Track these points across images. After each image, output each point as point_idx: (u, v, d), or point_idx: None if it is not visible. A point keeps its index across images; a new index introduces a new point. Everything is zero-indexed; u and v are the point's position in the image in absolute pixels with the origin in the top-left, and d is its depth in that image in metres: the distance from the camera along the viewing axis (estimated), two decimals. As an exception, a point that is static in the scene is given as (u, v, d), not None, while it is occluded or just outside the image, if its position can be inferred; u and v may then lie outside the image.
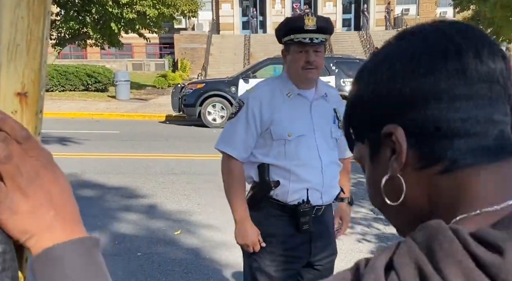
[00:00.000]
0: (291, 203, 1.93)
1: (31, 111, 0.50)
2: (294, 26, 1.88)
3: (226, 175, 1.95)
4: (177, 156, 7.80)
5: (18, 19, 0.46)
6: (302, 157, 1.90)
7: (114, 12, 16.20)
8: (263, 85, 2.00)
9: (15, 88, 0.48)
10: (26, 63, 0.48)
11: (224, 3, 30.87)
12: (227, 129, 1.97)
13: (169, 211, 4.95)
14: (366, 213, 4.88)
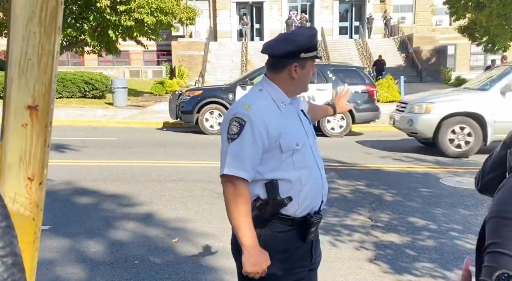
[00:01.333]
0: (300, 216, 1.90)
1: (41, 124, 0.50)
2: (317, 42, 1.96)
3: (234, 198, 1.83)
4: (174, 163, 7.79)
5: (30, 34, 0.47)
6: (308, 164, 1.92)
7: (112, 19, 16.23)
8: (255, 98, 1.92)
9: (26, 101, 0.49)
10: (37, 77, 0.48)
11: (221, 10, 31.00)
12: (232, 152, 1.84)
13: (167, 219, 4.94)
14: (364, 220, 4.88)
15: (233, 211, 1.83)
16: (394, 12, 30.76)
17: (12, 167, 0.50)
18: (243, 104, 1.89)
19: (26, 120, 0.49)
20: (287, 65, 1.90)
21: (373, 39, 27.99)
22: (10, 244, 0.48)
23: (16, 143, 0.50)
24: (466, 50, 31.21)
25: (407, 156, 8.41)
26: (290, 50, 1.89)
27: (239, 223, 1.82)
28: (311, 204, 1.92)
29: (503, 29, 18.02)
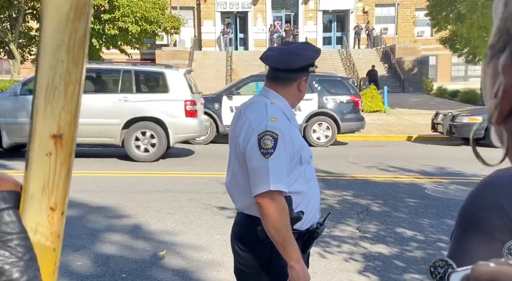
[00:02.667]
0: (304, 228, 1.90)
1: (65, 153, 0.49)
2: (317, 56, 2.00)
3: (279, 213, 1.76)
4: (160, 173, 7.73)
5: (58, 63, 0.46)
6: (314, 176, 1.97)
7: (95, 28, 16.16)
8: (274, 111, 1.87)
9: (51, 130, 0.47)
10: (63, 105, 0.47)
11: (206, 20, 31.07)
12: (273, 167, 1.78)
13: (154, 231, 4.88)
14: (352, 232, 4.89)
15: (280, 227, 1.76)
16: (377, 23, 31.22)
17: (34, 196, 0.48)
18: (269, 118, 1.83)
19: (50, 149, 0.47)
20: (298, 79, 1.92)
21: (357, 49, 28.33)
22: (33, 278, 0.47)
23: (40, 173, 0.48)
24: (447, 61, 31.78)
25: (392, 166, 8.48)
26: (305, 64, 1.91)
27: (288, 238, 1.77)
28: (315, 216, 1.95)
29: (483, 41, 18.39)
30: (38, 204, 0.49)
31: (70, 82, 0.47)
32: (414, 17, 30.62)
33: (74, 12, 0.45)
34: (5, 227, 0.46)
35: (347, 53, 26.52)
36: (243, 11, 31.03)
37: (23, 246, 0.46)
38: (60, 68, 0.46)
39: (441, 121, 11.79)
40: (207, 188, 6.62)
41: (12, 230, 0.46)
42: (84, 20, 0.46)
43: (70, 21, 0.45)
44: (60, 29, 0.45)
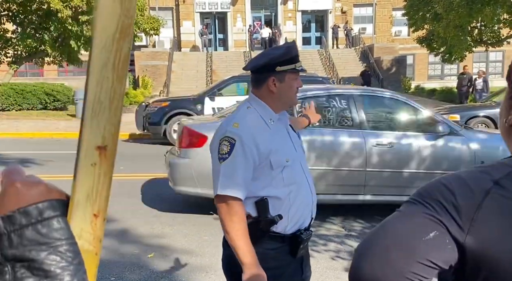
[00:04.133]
0: (289, 232, 1.90)
1: (109, 163, 0.52)
2: (295, 55, 1.94)
3: (230, 217, 1.82)
4: (144, 176, 7.70)
5: (104, 79, 0.49)
6: (297, 180, 1.92)
7: (74, 29, 15.95)
8: (243, 116, 1.93)
9: (96, 142, 0.50)
10: (108, 118, 0.50)
11: (185, 20, 30.95)
12: (225, 171, 1.84)
13: (141, 234, 4.87)
14: (338, 230, 4.97)
15: (230, 231, 1.82)
16: (355, 23, 31.54)
17: (80, 204, 0.51)
18: (232, 123, 1.89)
19: (95, 159, 0.50)
20: (266, 80, 1.92)
21: (336, 49, 28.59)
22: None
23: (85, 182, 0.51)
24: (424, 60, 32.32)
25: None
26: (265, 63, 1.92)
27: (238, 243, 1.80)
28: (301, 220, 1.93)
29: (459, 40, 18.78)
30: (83, 211, 0.52)
31: (115, 97, 0.50)
32: (391, 17, 31.04)
33: (120, 33, 0.48)
34: (55, 233, 0.49)
35: (327, 53, 26.75)
36: (222, 12, 31.01)
37: (72, 251, 0.49)
38: (106, 84, 0.49)
39: (420, 120, 11.98)
40: (192, 190, 6.62)
41: (62, 236, 0.49)
42: (128, 40, 0.49)
43: (115, 41, 0.48)
44: (107, 48, 0.48)
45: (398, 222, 0.79)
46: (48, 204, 0.49)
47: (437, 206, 0.75)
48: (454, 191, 0.75)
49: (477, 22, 19.55)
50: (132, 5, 0.49)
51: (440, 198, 0.76)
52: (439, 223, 0.74)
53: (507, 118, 0.82)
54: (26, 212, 0.48)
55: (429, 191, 0.78)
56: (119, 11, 0.48)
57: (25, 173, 0.53)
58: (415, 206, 0.78)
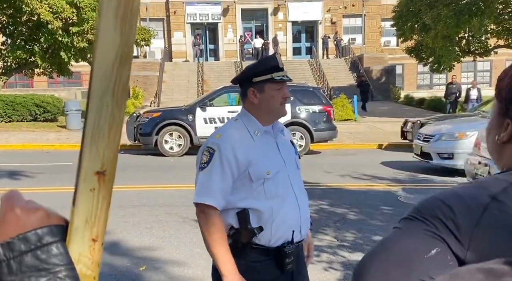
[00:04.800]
0: (274, 245, 1.89)
1: (107, 188, 0.53)
2: (272, 65, 1.93)
3: (207, 227, 1.86)
4: (136, 187, 7.65)
5: (104, 106, 0.50)
6: (280, 193, 1.91)
7: (64, 41, 15.88)
8: (228, 128, 1.98)
9: (95, 167, 0.51)
10: (107, 144, 0.51)
11: (176, 31, 31.03)
12: (201, 180, 1.88)
13: (132, 247, 4.83)
14: (330, 241, 4.97)
15: (208, 240, 1.85)
16: (345, 33, 31.83)
17: (78, 229, 0.52)
18: (216, 134, 1.95)
19: (94, 185, 0.51)
20: (246, 91, 1.95)
21: (326, 59, 28.79)
22: None
23: (84, 207, 0.52)
24: (413, 70, 32.62)
25: (365, 174, 8.64)
26: (243, 76, 1.97)
27: (215, 251, 1.83)
28: (286, 234, 1.91)
29: (447, 50, 18.98)
30: (81, 236, 0.52)
31: (114, 123, 0.51)
32: (380, 27, 31.37)
33: (119, 61, 0.49)
34: (55, 259, 0.49)
35: (317, 63, 26.92)
36: (213, 23, 31.15)
37: (71, 276, 0.50)
38: (105, 111, 0.50)
39: (410, 129, 12.08)
40: (185, 201, 6.59)
41: (61, 262, 0.49)
42: (127, 68, 0.50)
43: (115, 69, 0.49)
44: (107, 76, 0.49)
45: (398, 240, 0.79)
46: (47, 230, 0.50)
47: (437, 223, 0.75)
48: (452, 207, 0.75)
49: (465, 32, 19.80)
50: (131, 34, 0.50)
51: (439, 215, 0.76)
52: (440, 240, 0.74)
53: (499, 135, 0.83)
54: (25, 238, 0.49)
55: (428, 208, 0.78)
56: (119, 41, 0.49)
57: (24, 198, 0.53)
58: (414, 223, 0.78)
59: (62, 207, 2.68)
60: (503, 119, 0.83)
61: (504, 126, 0.83)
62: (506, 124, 0.83)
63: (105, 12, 0.49)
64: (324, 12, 31.31)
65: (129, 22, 0.49)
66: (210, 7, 30.60)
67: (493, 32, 19.58)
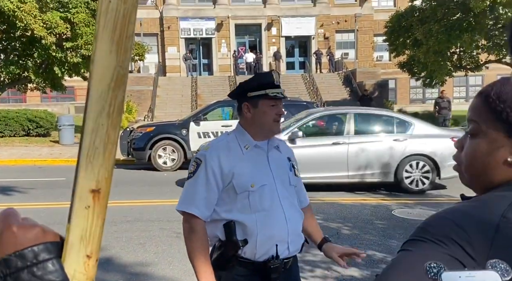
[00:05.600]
0: (260, 260, 1.89)
1: (102, 206, 0.54)
2: (267, 81, 1.96)
3: (188, 235, 1.88)
4: (128, 202, 7.62)
5: (99, 126, 0.51)
6: (266, 206, 1.91)
7: (57, 56, 15.91)
8: (218, 140, 2.03)
9: (90, 185, 0.52)
10: (102, 163, 0.52)
11: (170, 46, 31.18)
12: (186, 190, 1.93)
13: (125, 263, 4.80)
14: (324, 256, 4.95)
15: (188, 248, 1.88)
16: (338, 48, 32.13)
17: (74, 246, 0.53)
18: (206, 146, 2.01)
19: (89, 202, 0.52)
20: (241, 106, 1.99)
21: (319, 74, 28.99)
22: None
23: (79, 224, 0.53)
24: (406, 84, 32.94)
25: (358, 189, 8.66)
26: (238, 90, 2.00)
27: (193, 260, 1.85)
28: (269, 250, 1.90)
29: (439, 65, 19.21)
30: (76, 252, 0.53)
31: (109, 142, 0.52)
32: (373, 42, 31.73)
33: (115, 83, 0.51)
34: (50, 275, 0.50)
35: (310, 77, 27.09)
36: (207, 37, 31.35)
37: None
38: (101, 131, 0.51)
39: (403, 143, 12.12)
40: (178, 216, 6.49)
41: (56, 278, 0.50)
42: (122, 89, 0.52)
43: (111, 90, 0.51)
44: (103, 97, 0.51)
45: (413, 262, 0.74)
46: (43, 247, 0.51)
47: (451, 244, 0.73)
48: (465, 229, 0.74)
49: (456, 48, 20.07)
50: (126, 57, 0.51)
51: (453, 236, 0.74)
52: (456, 261, 0.72)
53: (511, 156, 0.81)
54: (22, 255, 0.50)
55: (438, 228, 0.76)
56: (115, 63, 0.51)
57: (20, 216, 0.54)
58: (426, 245, 0.74)
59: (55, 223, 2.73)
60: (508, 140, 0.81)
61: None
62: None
63: (101, 36, 0.51)
64: (317, 27, 31.63)
65: (124, 46, 0.51)
66: (204, 22, 30.83)
67: (484, 47, 19.85)
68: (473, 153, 0.86)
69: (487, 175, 0.84)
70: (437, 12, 18.25)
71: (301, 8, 31.53)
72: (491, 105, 0.82)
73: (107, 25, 0.50)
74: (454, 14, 18.08)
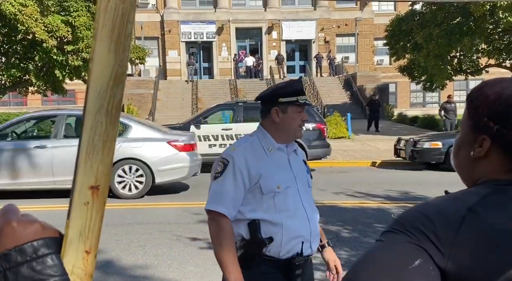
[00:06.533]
0: (284, 257, 1.93)
1: (100, 202, 0.55)
2: (298, 88, 2.04)
3: (216, 235, 1.91)
4: (128, 205, 7.62)
5: (98, 124, 0.52)
6: (290, 208, 1.97)
7: (59, 59, 15.94)
8: (243, 141, 2.07)
9: (89, 182, 0.53)
10: (101, 160, 0.53)
11: (171, 50, 31.25)
12: (214, 189, 1.97)
13: (125, 265, 4.80)
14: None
15: (216, 247, 1.90)
16: (338, 52, 32.19)
17: (72, 242, 0.53)
18: (231, 147, 2.05)
19: (88, 198, 0.53)
20: (270, 110, 2.04)
21: (320, 77, 29.04)
22: None
23: (78, 220, 0.54)
24: (406, 88, 32.96)
25: (358, 192, 8.66)
26: (269, 94, 2.05)
27: (222, 258, 1.87)
28: (294, 247, 1.95)
29: (439, 69, 19.23)
30: (75, 248, 0.54)
31: (108, 139, 0.53)
32: (373, 46, 31.78)
33: (113, 81, 0.52)
34: (49, 270, 0.51)
35: (311, 81, 27.14)
36: (207, 41, 31.42)
37: None
38: (100, 129, 0.52)
39: (403, 147, 12.16)
40: (177, 219, 6.58)
41: (55, 273, 0.51)
42: (121, 87, 0.53)
43: (109, 88, 0.52)
44: (101, 95, 0.52)
45: (382, 252, 0.81)
46: (43, 242, 0.52)
47: (419, 234, 0.78)
48: (433, 219, 0.79)
49: (457, 52, 20.09)
50: (125, 55, 0.52)
51: (420, 227, 0.79)
52: (422, 250, 0.77)
53: (475, 151, 0.87)
54: (21, 250, 0.51)
55: (409, 220, 0.81)
56: (114, 62, 0.52)
57: (20, 212, 0.55)
58: (397, 235, 0.80)
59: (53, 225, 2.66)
60: (477, 136, 0.87)
61: (479, 142, 0.87)
62: (481, 140, 0.86)
63: (100, 35, 0.52)
64: (318, 31, 31.70)
65: (123, 45, 0.52)
66: (205, 26, 30.91)
67: (484, 52, 19.88)
68: (454, 147, 0.94)
69: (464, 170, 0.91)
70: (437, 16, 18.28)
71: (301, 12, 31.61)
72: (466, 104, 0.91)
73: (106, 24, 0.51)
74: (454, 18, 18.11)
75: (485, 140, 0.86)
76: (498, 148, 0.85)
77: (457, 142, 0.93)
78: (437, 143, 11.43)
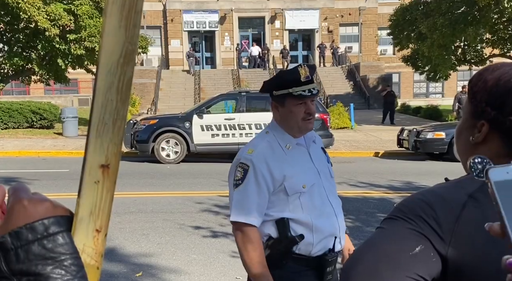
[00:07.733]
0: (315, 255, 1.84)
1: (111, 181, 0.54)
2: (290, 79, 1.85)
3: (244, 246, 1.80)
4: (132, 194, 7.65)
5: (108, 101, 0.52)
6: (317, 206, 1.87)
7: (61, 48, 15.91)
8: (259, 142, 1.90)
9: (100, 161, 0.53)
10: (111, 138, 0.53)
11: (173, 39, 31.13)
12: (237, 198, 1.84)
13: (129, 253, 4.83)
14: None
15: (245, 259, 1.81)
16: (342, 42, 31.99)
17: (83, 220, 0.53)
18: (248, 149, 1.88)
19: (98, 177, 0.53)
20: (274, 104, 1.92)
21: (323, 67, 28.92)
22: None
23: (88, 199, 0.53)
24: (410, 78, 32.80)
25: (361, 182, 8.66)
26: (264, 89, 1.93)
27: (252, 270, 1.79)
28: (326, 244, 1.86)
29: (443, 59, 19.10)
30: (86, 227, 0.54)
31: (118, 118, 0.53)
32: (377, 36, 31.55)
33: (124, 58, 0.52)
34: (60, 248, 0.51)
35: (314, 71, 27.01)
36: (210, 31, 31.27)
37: (76, 265, 0.51)
38: (110, 107, 0.52)
39: (406, 137, 12.13)
40: (181, 208, 6.60)
41: (66, 251, 0.51)
42: (131, 65, 0.53)
43: (120, 66, 0.52)
44: (112, 72, 0.51)
45: (383, 239, 0.81)
46: (54, 220, 0.52)
47: (419, 221, 0.78)
48: (433, 206, 0.79)
49: (461, 41, 19.95)
50: (135, 32, 0.52)
51: (421, 214, 0.79)
52: (423, 237, 0.77)
53: (474, 136, 0.87)
54: (32, 228, 0.50)
55: (410, 207, 0.81)
56: (124, 38, 0.51)
57: (30, 191, 0.55)
58: (398, 222, 0.80)
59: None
60: (476, 121, 0.87)
61: (478, 127, 0.86)
62: (480, 125, 0.86)
63: (110, 11, 0.51)
64: (321, 21, 31.49)
65: (133, 21, 0.51)
66: (207, 15, 30.73)
67: (489, 41, 19.73)
68: (455, 133, 0.94)
69: (464, 155, 0.91)
70: (441, 5, 18.12)
71: (305, 1, 31.38)
72: (467, 90, 0.91)
73: (116, 1, 0.50)
74: (459, 8, 17.95)
75: (483, 126, 0.86)
76: (496, 134, 0.85)
77: (458, 128, 0.93)
78: (440, 133, 11.39)
